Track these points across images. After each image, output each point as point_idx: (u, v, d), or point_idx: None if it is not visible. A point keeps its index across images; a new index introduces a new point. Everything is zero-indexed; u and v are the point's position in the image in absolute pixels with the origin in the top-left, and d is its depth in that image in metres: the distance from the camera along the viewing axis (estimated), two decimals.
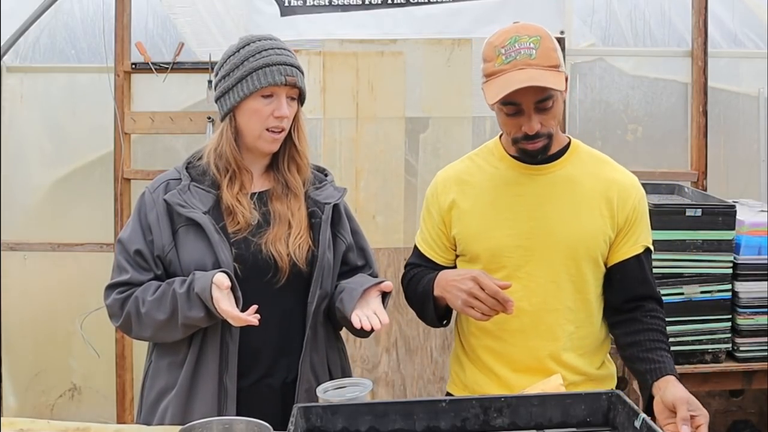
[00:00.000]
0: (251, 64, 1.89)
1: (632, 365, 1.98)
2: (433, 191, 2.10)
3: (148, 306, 1.86)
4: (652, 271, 2.04)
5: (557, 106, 1.92)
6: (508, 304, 1.84)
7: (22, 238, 3.74)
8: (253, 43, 1.93)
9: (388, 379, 3.61)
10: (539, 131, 1.90)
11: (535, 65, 1.86)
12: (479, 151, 2.11)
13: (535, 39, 1.88)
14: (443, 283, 1.95)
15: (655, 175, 3.47)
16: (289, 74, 1.91)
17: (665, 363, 1.90)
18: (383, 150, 3.62)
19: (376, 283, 1.92)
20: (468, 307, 1.87)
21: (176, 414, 1.91)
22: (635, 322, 1.98)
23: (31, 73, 3.77)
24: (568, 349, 1.99)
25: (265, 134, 1.92)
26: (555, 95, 1.89)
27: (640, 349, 1.94)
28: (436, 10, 3.49)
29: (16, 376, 3.82)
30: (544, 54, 1.87)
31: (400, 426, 1.61)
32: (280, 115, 1.90)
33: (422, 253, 2.12)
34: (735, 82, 3.77)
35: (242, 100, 1.90)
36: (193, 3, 3.61)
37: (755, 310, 2.78)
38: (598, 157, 2.07)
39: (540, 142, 1.92)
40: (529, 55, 1.86)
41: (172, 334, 1.90)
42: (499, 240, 1.98)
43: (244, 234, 1.92)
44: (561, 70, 1.89)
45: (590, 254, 1.97)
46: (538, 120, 1.89)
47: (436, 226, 2.08)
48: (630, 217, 1.99)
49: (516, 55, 1.86)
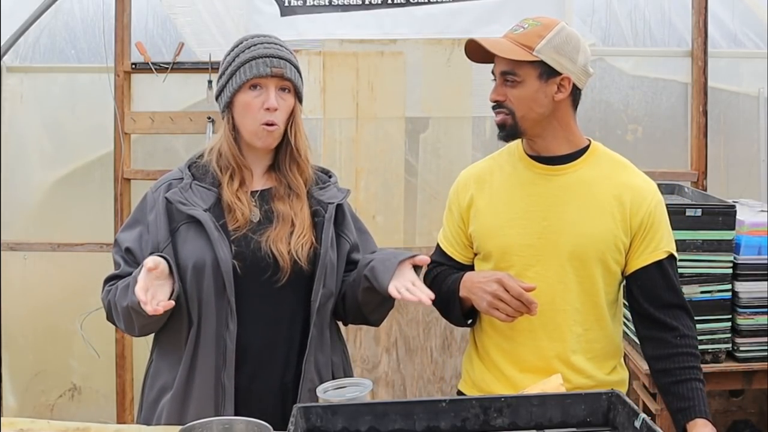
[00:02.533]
0: (239, 59, 1.93)
1: (665, 397, 2.00)
2: (455, 189, 2.14)
3: (118, 294, 1.88)
4: (678, 280, 2.03)
5: (524, 89, 1.94)
6: (532, 306, 1.89)
7: (22, 238, 3.74)
8: (245, 41, 1.97)
9: (388, 379, 3.61)
10: (498, 101, 1.96)
11: (511, 38, 1.94)
12: (502, 152, 2.14)
13: (534, 23, 1.95)
14: (469, 285, 1.99)
15: (655, 175, 3.45)
16: (275, 65, 1.92)
17: (695, 401, 1.93)
18: (383, 150, 3.62)
19: (410, 257, 1.91)
20: (493, 309, 1.91)
21: (173, 412, 1.91)
22: (666, 345, 1.99)
23: (31, 73, 3.76)
24: (576, 351, 2.00)
25: (259, 129, 1.93)
26: (521, 76, 1.93)
27: (672, 380, 1.97)
28: (436, 10, 3.49)
29: (16, 376, 3.82)
30: (528, 35, 1.93)
31: (400, 426, 1.61)
32: (268, 107, 1.91)
33: (444, 251, 2.15)
34: (735, 82, 3.77)
35: (234, 96, 1.93)
36: (193, 3, 3.61)
37: (755, 310, 2.77)
38: (617, 160, 2.07)
39: (500, 114, 1.97)
40: (515, 30, 1.96)
41: (132, 325, 1.88)
42: (510, 238, 2.00)
43: (244, 231, 1.92)
44: (534, 54, 1.91)
45: (599, 257, 1.97)
46: (502, 92, 1.96)
47: (456, 224, 2.11)
48: (645, 222, 1.98)
49: (509, 30, 1.98)
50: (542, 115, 1.97)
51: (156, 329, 1.94)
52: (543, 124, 1.98)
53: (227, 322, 1.88)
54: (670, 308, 2.00)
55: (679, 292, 2.02)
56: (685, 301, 2.04)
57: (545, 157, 2.02)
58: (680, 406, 1.94)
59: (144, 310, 1.75)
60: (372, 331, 3.52)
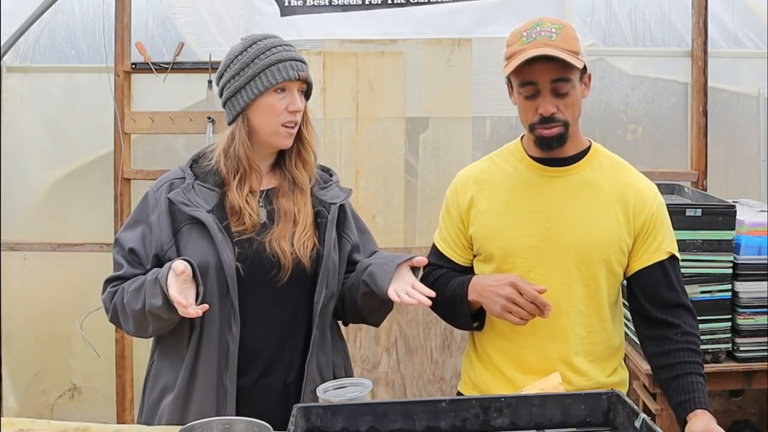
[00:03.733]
0: (263, 62, 1.91)
1: (666, 393, 1.99)
2: (453, 191, 2.11)
3: (128, 296, 1.87)
4: (680, 280, 2.03)
5: (574, 95, 1.92)
6: (545, 309, 1.87)
7: (22, 238, 3.74)
8: (260, 41, 1.94)
9: (388, 379, 3.61)
10: (554, 114, 1.90)
11: (554, 45, 1.87)
12: (500, 152, 2.12)
13: (557, 26, 1.91)
14: (479, 288, 1.97)
15: (655, 175, 3.46)
16: (301, 69, 1.93)
17: (695, 394, 1.91)
18: (383, 150, 3.62)
19: (407, 259, 1.91)
20: (506, 312, 1.90)
21: (175, 412, 1.90)
22: (666, 341, 1.98)
23: (31, 73, 3.77)
24: (579, 353, 1.99)
25: (281, 130, 1.93)
26: (573, 82, 1.90)
27: (672, 375, 1.95)
28: (436, 10, 3.49)
29: (16, 376, 3.82)
30: (565, 39, 1.89)
31: (400, 426, 1.61)
32: (294, 110, 1.92)
33: (441, 253, 2.12)
34: (735, 82, 3.77)
35: (256, 98, 1.91)
36: (193, 3, 3.61)
37: (755, 310, 2.77)
38: (618, 162, 2.06)
39: (555, 128, 1.92)
40: (549, 36, 1.88)
41: (146, 327, 1.88)
42: (513, 240, 1.99)
43: (249, 234, 1.92)
44: (581, 58, 1.90)
45: (603, 258, 1.97)
46: (554, 103, 1.90)
47: (455, 225, 2.09)
48: (648, 223, 1.98)
49: (536, 36, 1.89)
50: (579, 118, 1.98)
51: (168, 331, 1.93)
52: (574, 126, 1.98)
53: (230, 324, 1.88)
54: (672, 308, 2.00)
55: (682, 292, 2.02)
56: (688, 301, 2.03)
57: (548, 159, 2.01)
58: (680, 400, 1.92)
59: (169, 314, 1.78)
60: (372, 331, 3.52)
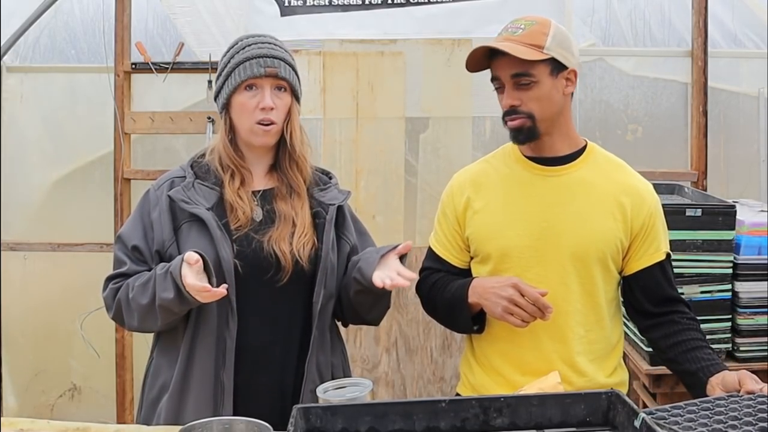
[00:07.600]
0: (234, 61, 1.95)
1: (679, 366, 1.98)
2: (449, 193, 2.11)
3: (135, 291, 1.88)
4: (673, 274, 2.07)
5: (539, 89, 1.92)
6: (547, 311, 1.87)
7: (22, 238, 3.74)
8: (240, 41, 1.98)
9: (388, 379, 3.61)
10: (514, 106, 1.92)
11: (515, 40, 1.90)
12: (495, 154, 2.12)
13: (529, 22, 1.93)
14: (480, 291, 1.96)
15: (655, 175, 3.46)
16: (269, 65, 1.93)
17: (716, 360, 1.92)
18: (383, 150, 3.62)
19: (392, 248, 1.92)
20: (507, 314, 1.89)
21: (171, 410, 1.91)
22: (673, 324, 2.01)
23: (31, 73, 3.77)
24: (579, 352, 1.99)
25: (255, 128, 1.94)
26: (535, 76, 1.90)
27: (684, 348, 1.96)
28: (436, 10, 3.49)
29: (16, 376, 3.82)
30: (531, 34, 1.90)
31: (400, 426, 1.61)
32: (264, 106, 1.93)
33: (438, 256, 2.12)
34: (735, 82, 3.77)
35: (230, 97, 1.95)
36: (193, 3, 3.61)
37: (755, 310, 2.77)
38: (613, 161, 2.07)
39: (517, 119, 1.93)
40: (514, 32, 1.92)
41: (154, 321, 1.89)
42: (509, 240, 1.99)
43: (246, 230, 1.93)
44: (545, 51, 1.90)
45: (600, 257, 1.97)
46: (517, 96, 1.91)
47: (451, 228, 2.09)
48: (646, 223, 1.99)
49: (504, 32, 1.94)
50: (556, 113, 1.96)
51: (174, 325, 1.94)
52: (555, 122, 1.97)
53: (228, 320, 1.88)
54: (672, 302, 2.04)
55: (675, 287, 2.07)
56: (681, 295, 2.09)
57: (543, 158, 2.01)
58: (699, 366, 1.91)
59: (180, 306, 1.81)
60: (372, 331, 3.52)
